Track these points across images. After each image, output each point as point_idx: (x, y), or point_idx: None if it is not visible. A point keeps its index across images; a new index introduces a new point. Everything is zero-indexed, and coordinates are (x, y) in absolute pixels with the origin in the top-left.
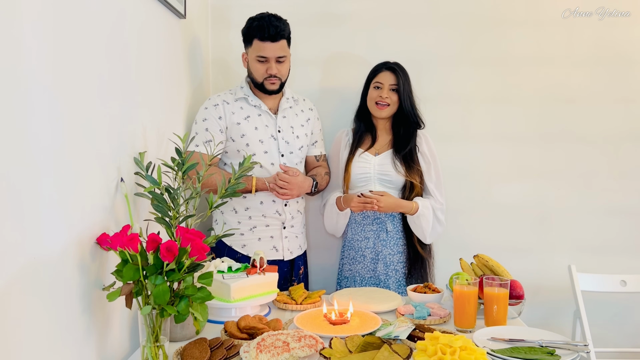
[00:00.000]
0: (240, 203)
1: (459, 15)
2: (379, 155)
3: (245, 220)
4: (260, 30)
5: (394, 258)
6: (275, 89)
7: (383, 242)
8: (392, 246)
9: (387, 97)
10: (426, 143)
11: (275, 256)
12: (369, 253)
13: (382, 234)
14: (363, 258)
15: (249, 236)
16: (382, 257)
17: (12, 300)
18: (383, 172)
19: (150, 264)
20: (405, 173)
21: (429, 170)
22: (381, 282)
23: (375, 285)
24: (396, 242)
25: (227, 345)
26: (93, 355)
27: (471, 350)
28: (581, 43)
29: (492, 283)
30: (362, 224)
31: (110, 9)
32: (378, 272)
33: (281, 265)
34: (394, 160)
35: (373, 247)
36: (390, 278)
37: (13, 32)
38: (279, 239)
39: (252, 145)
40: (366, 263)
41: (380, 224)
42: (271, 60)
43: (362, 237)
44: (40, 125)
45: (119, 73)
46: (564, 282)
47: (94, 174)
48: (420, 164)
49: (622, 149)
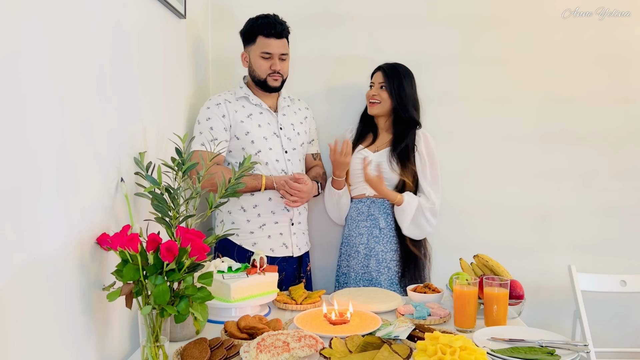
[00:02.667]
0: (248, 201)
1: (459, 16)
2: (377, 152)
3: (254, 218)
4: (267, 27)
5: (386, 255)
6: (277, 86)
7: (376, 239)
8: (385, 243)
9: (376, 95)
10: (425, 142)
11: (285, 253)
12: (363, 249)
13: (375, 231)
14: (357, 254)
15: (259, 234)
16: (374, 254)
17: (12, 300)
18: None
19: (151, 264)
20: (399, 171)
21: (424, 169)
22: (373, 279)
23: (368, 281)
24: (389, 239)
25: (227, 345)
26: (93, 355)
27: (471, 350)
28: (581, 43)
29: (492, 283)
30: (357, 220)
31: (111, 8)
32: (370, 269)
33: (290, 262)
34: (390, 158)
35: (366, 243)
36: (382, 275)
37: (13, 32)
38: (288, 235)
39: (257, 142)
40: (360, 259)
41: (373, 220)
42: (275, 57)
43: (357, 233)
44: (41, 125)
45: (119, 73)
46: (564, 282)
47: (94, 174)
48: (416, 163)
49: (622, 149)
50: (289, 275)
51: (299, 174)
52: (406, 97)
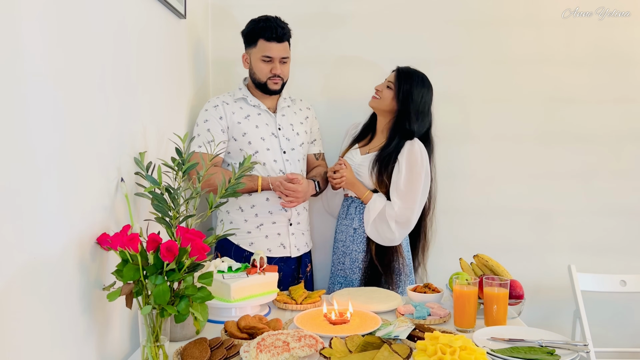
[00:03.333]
0: (246, 201)
1: (459, 16)
2: (365, 155)
3: (251, 218)
4: (268, 30)
5: (358, 256)
6: (277, 89)
7: (351, 238)
8: (358, 243)
9: (379, 90)
10: (408, 153)
11: (282, 253)
12: (341, 246)
13: (350, 230)
14: (337, 250)
15: (256, 234)
16: (349, 252)
17: (12, 300)
18: (358, 172)
19: (151, 263)
20: (375, 180)
21: (397, 180)
22: (347, 277)
23: (343, 278)
24: (361, 240)
25: (227, 345)
26: (93, 355)
27: (471, 350)
28: (581, 43)
29: (492, 283)
30: (340, 218)
31: (112, 9)
32: (345, 267)
33: (288, 262)
34: (373, 164)
35: (344, 241)
36: (354, 274)
37: (13, 32)
38: (285, 235)
39: (254, 143)
40: (338, 255)
41: (350, 219)
42: (276, 61)
43: (339, 231)
44: (41, 125)
45: (120, 73)
46: (564, 282)
47: (95, 174)
48: (393, 174)
49: (622, 149)
50: (286, 275)
51: (292, 174)
52: (412, 105)
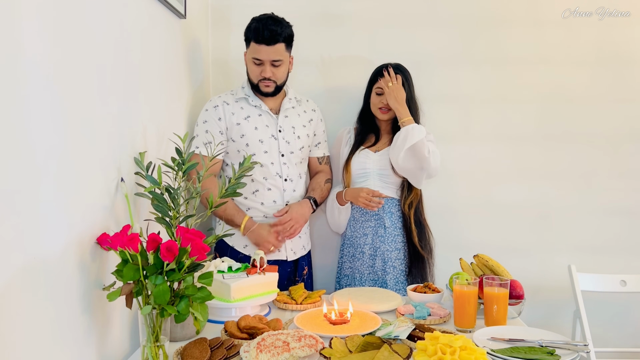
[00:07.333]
0: (241, 204)
1: (459, 16)
2: (378, 152)
3: None
4: (256, 32)
5: (392, 254)
6: (269, 92)
7: (381, 238)
8: (390, 242)
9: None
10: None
11: (277, 256)
12: (368, 249)
13: (380, 230)
14: (362, 255)
15: None
16: (380, 253)
17: (12, 300)
18: (382, 168)
19: (151, 263)
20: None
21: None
22: (379, 279)
23: (374, 281)
24: (394, 238)
25: (227, 345)
26: (93, 355)
27: (471, 350)
28: (581, 43)
29: (492, 283)
30: (361, 220)
31: (112, 9)
32: (376, 268)
33: (284, 265)
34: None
35: (371, 243)
36: (387, 274)
37: (13, 32)
38: None
39: (252, 145)
40: (365, 260)
41: (378, 220)
42: (266, 64)
43: (361, 234)
44: (41, 125)
45: (119, 73)
46: (564, 282)
47: (94, 174)
48: None
49: (622, 149)
50: (282, 278)
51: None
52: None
